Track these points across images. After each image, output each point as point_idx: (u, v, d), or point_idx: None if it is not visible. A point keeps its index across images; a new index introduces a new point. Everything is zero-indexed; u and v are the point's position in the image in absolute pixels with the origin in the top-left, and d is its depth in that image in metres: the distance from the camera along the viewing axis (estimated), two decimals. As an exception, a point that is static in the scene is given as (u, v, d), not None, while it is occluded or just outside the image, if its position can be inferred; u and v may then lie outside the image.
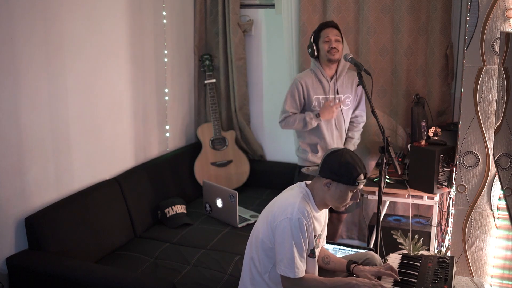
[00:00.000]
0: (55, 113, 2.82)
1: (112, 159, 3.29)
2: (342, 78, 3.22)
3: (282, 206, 2.17)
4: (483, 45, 2.71)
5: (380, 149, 2.62)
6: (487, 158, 2.81)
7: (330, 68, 3.19)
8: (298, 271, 2.10)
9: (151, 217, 3.40)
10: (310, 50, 3.18)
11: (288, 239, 2.09)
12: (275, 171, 4.03)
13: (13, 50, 2.54)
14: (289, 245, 2.09)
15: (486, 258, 2.90)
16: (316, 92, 3.18)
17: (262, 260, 2.21)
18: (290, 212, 2.11)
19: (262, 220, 2.24)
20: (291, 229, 2.09)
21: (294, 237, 2.09)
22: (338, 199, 2.16)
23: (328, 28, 3.13)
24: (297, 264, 2.10)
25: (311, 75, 3.20)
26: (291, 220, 2.09)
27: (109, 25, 3.19)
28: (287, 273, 2.10)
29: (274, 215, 2.16)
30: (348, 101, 3.25)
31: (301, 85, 3.17)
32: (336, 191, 2.14)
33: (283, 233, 2.10)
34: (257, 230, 2.25)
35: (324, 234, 2.40)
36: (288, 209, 2.13)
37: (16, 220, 2.62)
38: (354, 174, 2.11)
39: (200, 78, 4.14)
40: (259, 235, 2.21)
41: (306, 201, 2.18)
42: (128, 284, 2.40)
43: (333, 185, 2.13)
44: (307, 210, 2.13)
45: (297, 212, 2.11)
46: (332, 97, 3.19)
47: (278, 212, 2.15)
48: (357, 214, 3.91)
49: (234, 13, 3.94)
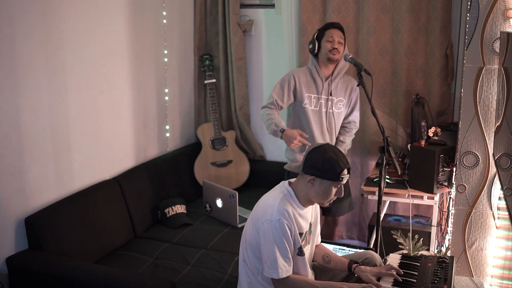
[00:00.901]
0: (55, 113, 2.82)
1: (112, 159, 3.29)
2: (337, 80, 3.20)
3: (263, 208, 2.17)
4: (483, 45, 2.71)
5: (380, 149, 2.62)
6: (487, 158, 2.81)
7: (327, 68, 3.18)
8: (282, 271, 2.10)
9: (151, 217, 3.40)
10: (311, 46, 3.16)
11: (270, 241, 2.10)
12: (275, 171, 4.02)
13: (13, 50, 2.54)
14: (271, 247, 2.10)
15: (486, 258, 2.90)
16: (309, 90, 3.17)
17: (252, 261, 2.22)
18: (270, 214, 2.11)
19: (248, 222, 2.25)
20: (271, 230, 2.09)
21: (276, 238, 2.10)
22: (323, 195, 2.15)
23: (333, 29, 3.13)
24: (280, 265, 2.10)
25: (306, 72, 3.19)
26: (271, 222, 2.10)
27: (109, 25, 3.19)
28: (271, 274, 2.11)
29: (257, 217, 2.17)
30: (340, 104, 3.22)
31: (293, 78, 3.15)
32: (320, 187, 2.14)
33: (264, 235, 2.11)
34: (245, 232, 2.26)
35: (317, 230, 2.40)
36: (268, 210, 2.13)
37: (16, 220, 2.62)
38: (337, 170, 2.10)
39: (200, 78, 4.14)
40: (247, 237, 2.22)
41: (287, 200, 2.17)
42: (128, 284, 2.40)
43: (317, 181, 2.13)
44: (287, 210, 2.13)
45: (277, 213, 2.10)
46: (324, 98, 3.18)
47: (260, 213, 2.16)
48: (357, 214, 3.91)
49: (234, 13, 3.94)
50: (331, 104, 3.19)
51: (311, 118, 3.18)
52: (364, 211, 3.82)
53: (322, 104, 3.18)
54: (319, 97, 3.18)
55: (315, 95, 3.18)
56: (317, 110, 3.19)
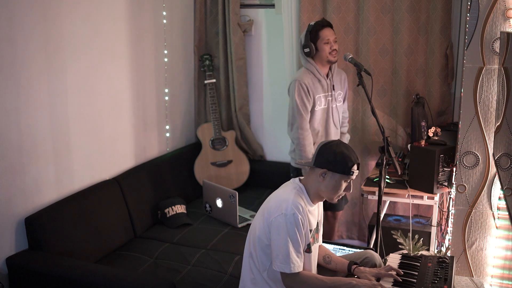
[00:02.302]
0: (55, 113, 2.82)
1: (112, 159, 3.29)
2: (335, 75, 3.25)
3: (276, 202, 2.18)
4: (483, 45, 2.71)
5: (380, 149, 2.62)
6: (487, 158, 2.81)
7: (325, 66, 3.20)
8: (294, 266, 2.11)
9: (151, 217, 3.40)
10: (308, 50, 3.14)
11: (283, 235, 2.10)
12: (275, 171, 4.02)
13: (13, 50, 2.54)
14: (284, 240, 2.10)
15: (486, 258, 2.90)
16: (317, 91, 3.18)
17: (260, 257, 2.21)
18: (285, 208, 2.12)
19: (258, 217, 2.25)
20: (286, 224, 2.10)
21: (290, 232, 2.10)
22: (333, 189, 2.18)
23: (325, 28, 3.13)
24: (292, 259, 2.10)
25: (308, 74, 3.17)
26: (286, 216, 2.10)
27: (109, 25, 3.19)
28: (282, 269, 2.11)
29: (270, 212, 2.17)
30: (340, 97, 3.32)
31: (304, 84, 3.12)
32: (331, 181, 2.16)
33: (278, 229, 2.11)
34: (254, 227, 2.26)
35: (321, 229, 2.40)
36: (283, 205, 2.14)
37: (16, 220, 2.62)
38: (349, 164, 2.14)
39: (200, 78, 4.14)
40: (256, 232, 2.22)
41: (300, 195, 2.19)
42: (128, 284, 2.41)
43: (328, 175, 2.16)
44: (301, 205, 2.14)
45: (292, 207, 2.12)
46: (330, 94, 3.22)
47: (273, 208, 2.16)
48: (357, 214, 3.91)
49: (234, 13, 3.94)
50: (334, 99, 3.25)
51: (321, 117, 3.21)
52: (364, 211, 3.82)
53: (329, 101, 3.23)
54: (326, 95, 3.21)
55: (323, 94, 3.20)
56: (326, 108, 3.23)
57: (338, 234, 3.94)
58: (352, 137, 3.76)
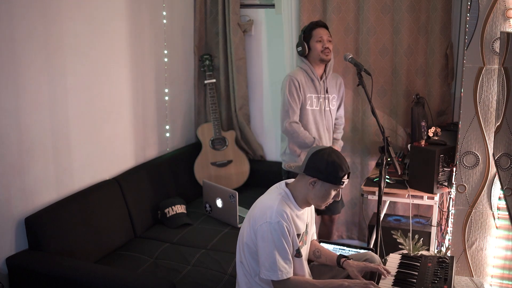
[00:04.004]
0: (55, 113, 2.82)
1: (112, 159, 3.29)
2: (329, 77, 3.23)
3: (261, 210, 2.16)
4: (483, 45, 2.71)
5: (380, 149, 2.62)
6: (487, 158, 2.81)
7: (319, 67, 3.19)
8: (282, 273, 2.09)
9: (151, 217, 3.40)
10: (300, 48, 3.16)
11: (269, 244, 2.09)
12: (275, 171, 4.01)
13: (13, 50, 2.54)
14: (270, 249, 2.08)
15: (486, 258, 2.90)
16: (310, 90, 3.18)
17: (249, 263, 2.21)
18: (269, 216, 2.10)
19: (245, 223, 2.23)
20: (271, 232, 2.08)
21: (275, 240, 2.09)
22: (322, 198, 2.16)
23: (319, 28, 3.14)
24: (280, 267, 2.09)
25: (302, 73, 3.19)
26: (271, 224, 2.08)
27: (109, 25, 3.19)
28: (269, 276, 2.10)
29: (255, 219, 2.15)
30: (334, 101, 3.29)
31: (296, 81, 3.14)
32: (321, 190, 2.14)
33: (263, 237, 2.10)
34: (242, 234, 2.24)
35: (312, 229, 2.40)
36: (267, 212, 2.12)
37: (16, 220, 2.62)
38: (340, 174, 2.11)
39: (200, 78, 4.14)
40: (244, 239, 2.21)
41: (286, 202, 2.17)
42: (128, 284, 2.40)
43: (318, 184, 2.13)
44: (286, 212, 2.12)
45: (276, 215, 2.09)
46: (323, 97, 3.20)
47: (258, 215, 2.14)
48: (357, 214, 3.91)
49: (234, 13, 3.94)
50: (328, 102, 3.22)
51: (314, 119, 3.19)
52: (364, 211, 3.82)
53: (321, 103, 3.20)
54: (319, 96, 3.19)
55: (316, 95, 3.19)
56: (318, 109, 3.20)
57: (338, 234, 3.94)
58: (352, 137, 3.77)
